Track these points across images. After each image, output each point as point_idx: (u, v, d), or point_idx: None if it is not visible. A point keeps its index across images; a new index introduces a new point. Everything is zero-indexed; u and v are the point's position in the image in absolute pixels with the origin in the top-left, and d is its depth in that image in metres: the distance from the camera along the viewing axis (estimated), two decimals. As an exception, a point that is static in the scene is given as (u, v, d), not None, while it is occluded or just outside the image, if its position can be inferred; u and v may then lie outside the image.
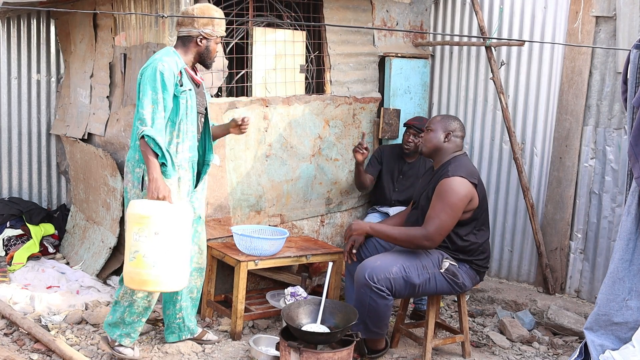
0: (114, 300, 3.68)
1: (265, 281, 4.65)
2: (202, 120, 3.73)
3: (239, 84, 4.50)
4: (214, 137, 3.89)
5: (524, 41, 4.64)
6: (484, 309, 4.81)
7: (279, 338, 3.62)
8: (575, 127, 4.68)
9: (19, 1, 4.40)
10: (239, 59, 4.52)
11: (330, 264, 3.99)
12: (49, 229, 5.43)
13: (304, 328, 3.60)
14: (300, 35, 4.71)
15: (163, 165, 3.39)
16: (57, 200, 5.88)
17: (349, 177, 4.98)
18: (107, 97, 4.87)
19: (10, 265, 4.99)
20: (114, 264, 4.76)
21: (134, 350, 3.67)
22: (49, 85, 5.75)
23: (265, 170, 4.54)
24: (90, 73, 5.09)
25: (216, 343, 3.97)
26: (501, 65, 5.02)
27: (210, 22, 3.52)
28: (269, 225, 4.54)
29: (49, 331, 3.92)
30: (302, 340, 3.47)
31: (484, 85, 5.16)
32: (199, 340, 3.93)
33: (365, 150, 4.56)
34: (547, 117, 4.86)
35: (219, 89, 4.39)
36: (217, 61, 4.25)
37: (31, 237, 5.23)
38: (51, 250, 5.33)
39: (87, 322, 4.11)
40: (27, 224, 5.30)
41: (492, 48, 4.88)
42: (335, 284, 4.34)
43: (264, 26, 4.57)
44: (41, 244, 5.29)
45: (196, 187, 3.73)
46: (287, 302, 3.97)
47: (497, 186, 5.14)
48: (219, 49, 3.92)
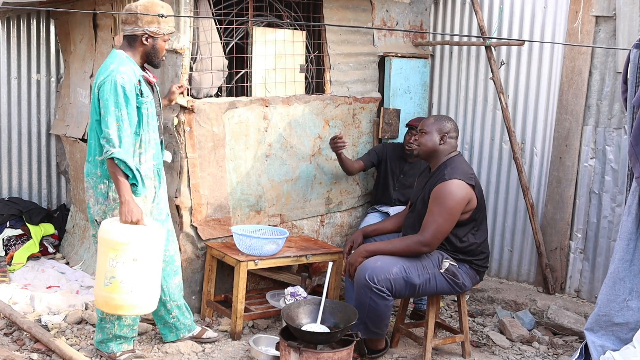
0: (97, 317, 3.59)
1: (265, 281, 4.65)
2: (161, 121, 3.67)
3: (238, 84, 4.50)
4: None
5: (524, 41, 4.64)
6: (483, 309, 4.81)
7: (278, 338, 3.62)
8: (575, 126, 4.68)
9: (19, 1, 4.39)
10: (239, 58, 4.52)
11: (330, 263, 3.99)
12: (48, 228, 5.43)
13: (303, 328, 3.60)
14: (300, 35, 4.71)
15: (133, 185, 3.32)
16: (57, 200, 5.88)
17: (349, 177, 4.98)
18: (107, 97, 4.86)
19: (10, 265, 4.99)
20: (114, 264, 4.75)
21: (135, 352, 3.67)
22: (48, 85, 5.75)
23: (265, 170, 4.54)
24: (90, 73, 5.09)
25: (216, 342, 3.96)
26: (501, 65, 5.02)
27: (155, 20, 3.37)
28: (269, 225, 4.54)
29: (48, 331, 3.92)
30: (302, 340, 3.47)
31: (483, 85, 5.15)
32: (198, 338, 3.92)
33: (340, 140, 4.45)
34: (547, 117, 4.86)
35: (219, 88, 4.39)
36: (217, 61, 4.26)
37: (31, 237, 5.23)
38: (51, 250, 5.33)
39: (87, 322, 4.10)
40: (27, 224, 5.30)
41: (492, 48, 4.88)
42: (335, 284, 4.34)
43: (263, 26, 4.56)
44: (41, 243, 5.29)
45: (160, 190, 3.65)
46: (287, 302, 3.97)
47: (497, 186, 5.14)
48: (218, 49, 3.91)
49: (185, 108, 4.10)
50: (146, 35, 3.40)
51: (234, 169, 4.39)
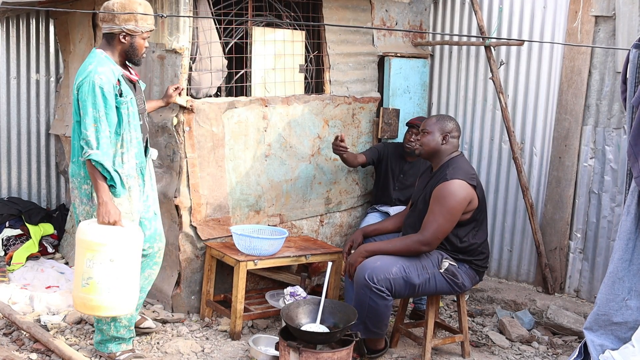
0: (94, 319, 3.61)
1: (265, 281, 4.65)
2: (146, 119, 3.66)
3: (238, 84, 4.49)
4: (151, 109, 3.90)
5: (524, 41, 4.64)
6: (483, 309, 4.81)
7: (278, 338, 3.62)
8: (575, 126, 4.68)
9: (18, 1, 4.39)
10: (238, 58, 4.52)
11: (330, 263, 3.99)
12: (48, 228, 5.42)
13: (303, 328, 3.60)
14: (300, 35, 4.71)
15: (112, 187, 3.32)
16: (57, 200, 5.87)
17: (349, 177, 4.98)
18: (106, 96, 4.86)
19: (10, 265, 4.99)
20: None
21: (134, 352, 3.67)
22: (48, 85, 5.75)
23: (265, 170, 4.54)
24: (89, 73, 5.08)
25: (155, 332, 3.93)
26: (500, 64, 5.02)
27: (132, 18, 3.33)
28: (268, 225, 4.54)
29: (48, 331, 3.91)
30: (301, 340, 3.47)
31: (483, 85, 5.15)
32: (136, 327, 3.86)
33: (342, 143, 4.49)
34: (547, 117, 4.86)
35: (218, 88, 4.39)
36: (217, 61, 4.26)
37: (30, 237, 5.23)
38: (50, 250, 5.33)
39: (86, 322, 4.10)
40: (26, 224, 5.30)
41: (492, 48, 4.88)
42: (335, 284, 4.34)
43: (263, 26, 4.56)
44: (40, 243, 5.29)
45: (145, 187, 3.65)
46: (287, 302, 3.97)
47: (496, 186, 5.14)
48: (217, 49, 3.91)
49: (184, 108, 4.10)
50: (124, 33, 3.38)
51: (234, 169, 4.39)
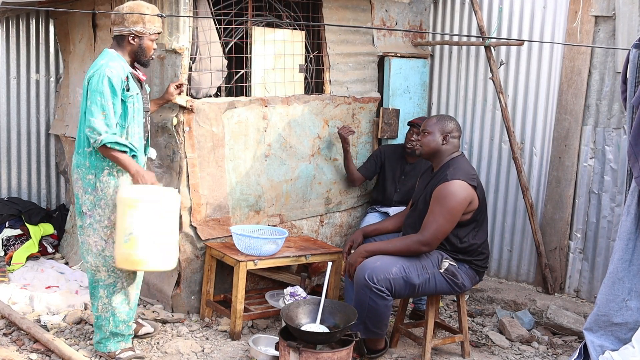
0: (94, 316, 3.67)
1: (265, 281, 4.65)
2: (148, 119, 3.76)
3: (238, 84, 4.49)
4: (152, 110, 3.99)
5: (523, 41, 4.64)
6: (483, 309, 4.81)
7: (278, 338, 3.62)
8: (575, 126, 4.68)
9: (18, 1, 4.39)
10: (238, 58, 4.52)
11: (330, 263, 3.99)
12: (48, 229, 5.42)
13: (303, 328, 3.60)
14: (300, 35, 4.71)
15: (134, 156, 3.49)
16: (56, 200, 5.87)
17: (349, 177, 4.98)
18: (106, 97, 4.86)
19: (10, 265, 4.99)
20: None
21: (134, 351, 3.67)
22: (48, 85, 5.75)
23: (265, 170, 4.54)
24: (89, 73, 5.08)
25: (152, 336, 3.93)
26: (500, 64, 5.02)
27: (140, 20, 3.50)
28: (268, 225, 4.54)
29: (48, 331, 3.91)
30: (301, 340, 3.47)
31: (483, 85, 5.15)
32: (135, 336, 3.89)
33: (348, 127, 4.68)
34: (547, 117, 4.86)
35: (218, 88, 4.39)
36: (216, 61, 4.26)
37: (30, 237, 5.23)
38: (50, 250, 5.33)
39: (86, 322, 4.10)
40: (26, 224, 5.30)
41: (492, 48, 4.88)
42: (335, 284, 4.34)
43: (263, 26, 4.56)
44: (40, 244, 5.29)
45: None
46: (287, 302, 3.97)
47: (496, 186, 5.14)
48: (217, 49, 3.91)
49: (184, 108, 4.10)
50: (132, 35, 3.53)
51: (234, 169, 4.39)
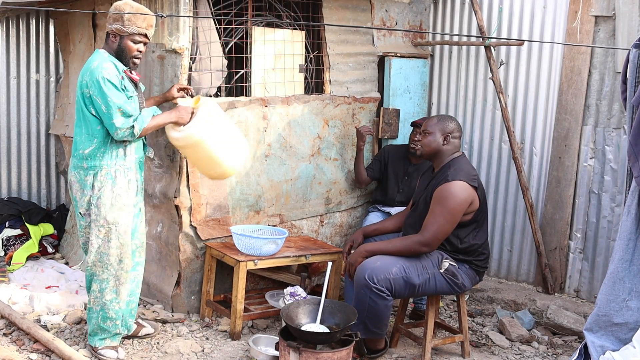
0: (87, 309, 3.71)
1: (265, 281, 4.64)
2: None
3: (238, 84, 4.49)
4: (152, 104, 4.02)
5: (523, 41, 4.63)
6: (483, 309, 4.81)
7: (278, 338, 3.62)
8: (575, 126, 4.68)
9: (18, 1, 4.39)
10: (238, 58, 4.52)
11: (330, 263, 3.99)
12: (48, 229, 5.42)
13: (303, 328, 3.60)
14: (300, 35, 4.71)
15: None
16: (56, 200, 5.87)
17: (348, 177, 4.98)
18: (106, 96, 4.86)
19: (10, 265, 4.99)
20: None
21: (117, 352, 3.67)
22: (48, 85, 5.75)
23: (265, 170, 4.54)
24: (89, 73, 5.08)
25: (152, 336, 3.93)
26: (500, 64, 5.02)
27: (120, 18, 3.44)
28: (268, 225, 4.54)
29: (48, 331, 3.91)
30: (301, 340, 3.47)
31: (483, 85, 5.15)
32: (135, 336, 3.90)
33: (367, 128, 4.79)
34: (547, 117, 4.86)
35: (218, 88, 4.39)
36: (216, 61, 4.25)
37: (30, 237, 5.22)
38: (50, 250, 5.33)
39: (86, 322, 4.10)
40: (26, 224, 5.30)
41: (492, 48, 4.88)
42: (335, 284, 4.34)
43: (263, 26, 4.56)
44: (40, 244, 5.29)
45: (140, 182, 3.76)
46: (287, 302, 3.96)
47: (496, 186, 5.14)
48: (217, 49, 3.90)
49: (184, 108, 4.10)
50: (113, 33, 3.49)
51: (234, 169, 4.39)
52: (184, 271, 4.29)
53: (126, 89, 3.48)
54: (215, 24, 4.28)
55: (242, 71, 4.52)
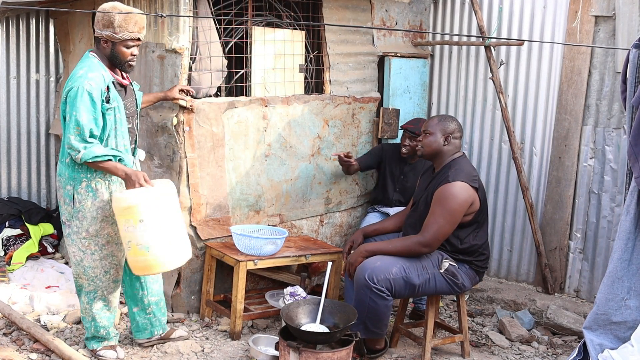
0: (81, 316, 3.72)
1: (265, 281, 4.65)
2: (135, 122, 3.65)
3: (238, 84, 4.49)
4: (148, 103, 3.92)
5: (523, 41, 4.63)
6: (483, 309, 4.81)
7: (278, 338, 3.62)
8: (575, 126, 4.68)
9: (18, 0, 4.39)
10: (238, 58, 4.52)
11: (330, 263, 3.99)
12: (48, 228, 5.42)
13: (303, 328, 3.60)
14: (300, 35, 4.71)
15: (120, 160, 3.41)
16: (56, 200, 5.87)
17: (349, 177, 4.98)
18: (106, 96, 4.87)
19: (9, 265, 4.99)
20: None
21: (117, 352, 3.68)
22: (48, 85, 5.75)
23: (265, 170, 4.54)
24: (89, 73, 5.08)
25: (186, 339, 3.92)
26: (500, 64, 5.02)
27: (109, 25, 3.30)
28: (268, 225, 4.54)
29: (48, 331, 3.91)
30: (301, 340, 3.47)
31: (483, 85, 5.15)
32: (167, 339, 3.89)
33: (348, 158, 4.61)
34: (547, 117, 4.86)
35: (218, 88, 4.39)
36: (216, 61, 4.26)
37: (30, 237, 5.22)
38: (50, 250, 5.33)
39: (86, 322, 4.11)
40: (26, 224, 5.30)
41: (492, 48, 4.88)
42: (335, 284, 4.34)
43: (263, 26, 4.56)
44: (40, 243, 5.29)
45: None
46: (287, 302, 3.97)
47: (496, 186, 5.14)
48: (217, 48, 3.89)
49: (184, 108, 4.10)
50: (105, 39, 3.38)
51: (234, 169, 4.39)
52: (183, 271, 4.29)
53: (108, 102, 3.34)
54: (215, 24, 4.29)
55: (242, 71, 4.52)
